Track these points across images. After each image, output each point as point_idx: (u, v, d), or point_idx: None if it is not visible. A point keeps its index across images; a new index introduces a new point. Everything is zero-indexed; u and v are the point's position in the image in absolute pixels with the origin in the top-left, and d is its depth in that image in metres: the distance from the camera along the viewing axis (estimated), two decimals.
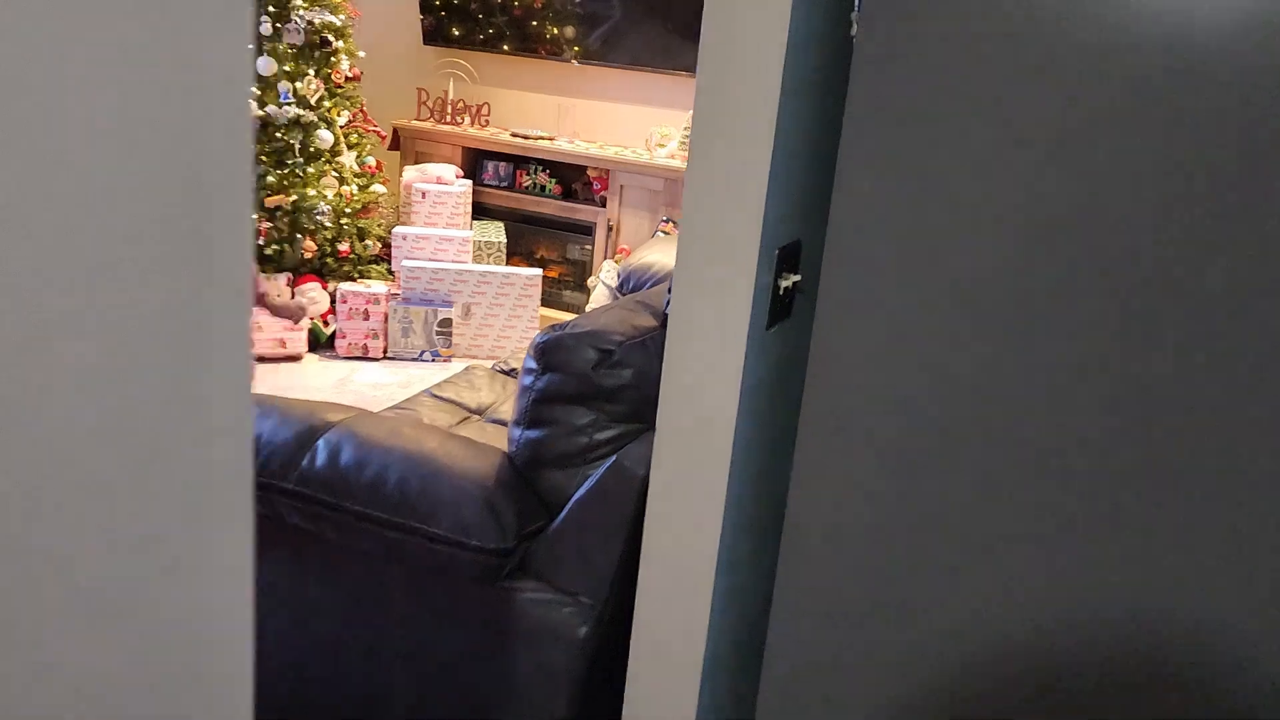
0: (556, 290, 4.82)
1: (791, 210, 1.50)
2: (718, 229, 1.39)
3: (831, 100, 1.55)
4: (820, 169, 1.57)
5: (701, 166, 1.37)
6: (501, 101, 5.04)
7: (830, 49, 1.50)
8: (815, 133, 1.52)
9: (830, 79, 1.52)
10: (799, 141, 1.46)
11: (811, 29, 1.40)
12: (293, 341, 4.08)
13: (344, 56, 4.35)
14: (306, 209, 4.16)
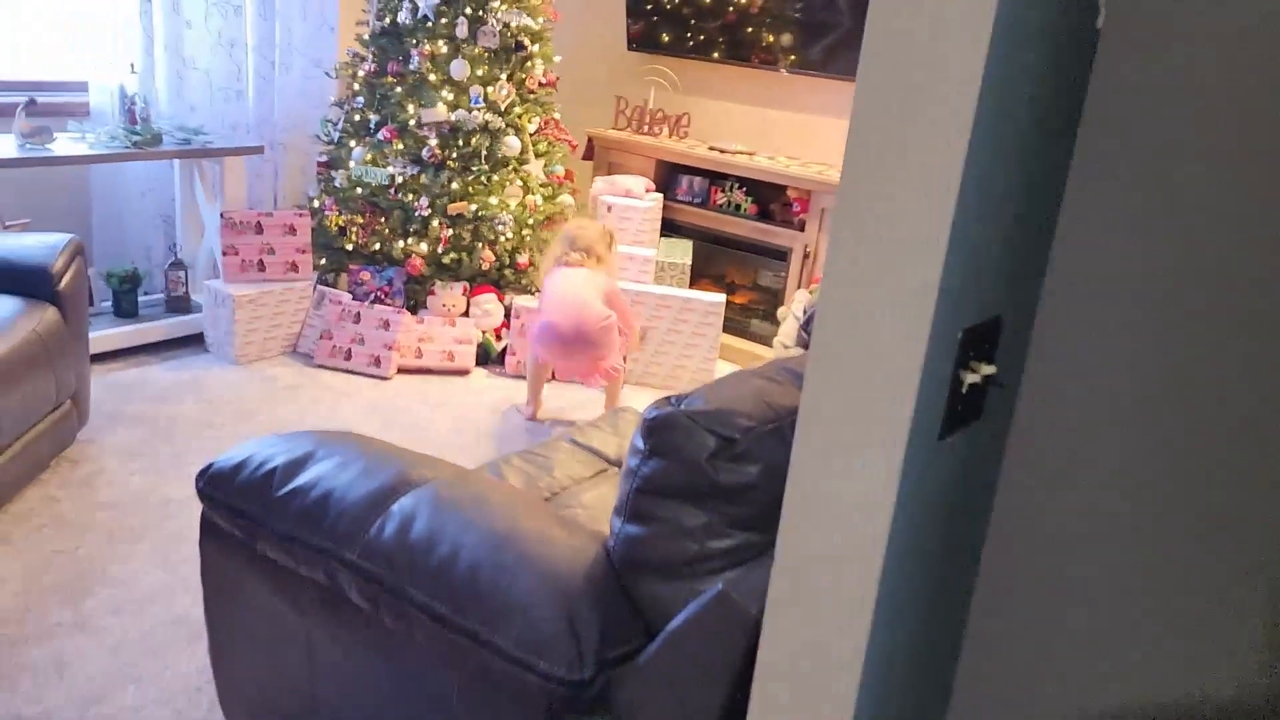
0: (743, 318, 4.44)
1: (989, 275, 1.08)
2: (871, 297, 0.99)
3: (1055, 119, 1.11)
4: (1037, 215, 1.14)
5: (850, 209, 0.98)
6: (703, 112, 4.72)
7: (1057, 46, 1.06)
8: (1030, 164, 1.09)
9: (1056, 90, 1.08)
10: (1004, 176, 1.03)
11: (1030, 18, 0.97)
12: (461, 355, 3.92)
13: (539, 61, 4.16)
14: (488, 218, 4.00)
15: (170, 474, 2.91)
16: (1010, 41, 0.92)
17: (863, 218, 1.00)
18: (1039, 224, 1.13)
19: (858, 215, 1.01)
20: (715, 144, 4.50)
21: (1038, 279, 1.19)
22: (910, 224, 0.96)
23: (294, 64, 4.30)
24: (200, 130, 3.75)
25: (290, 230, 3.89)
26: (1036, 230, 1.13)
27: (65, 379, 2.80)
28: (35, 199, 3.69)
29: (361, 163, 4.01)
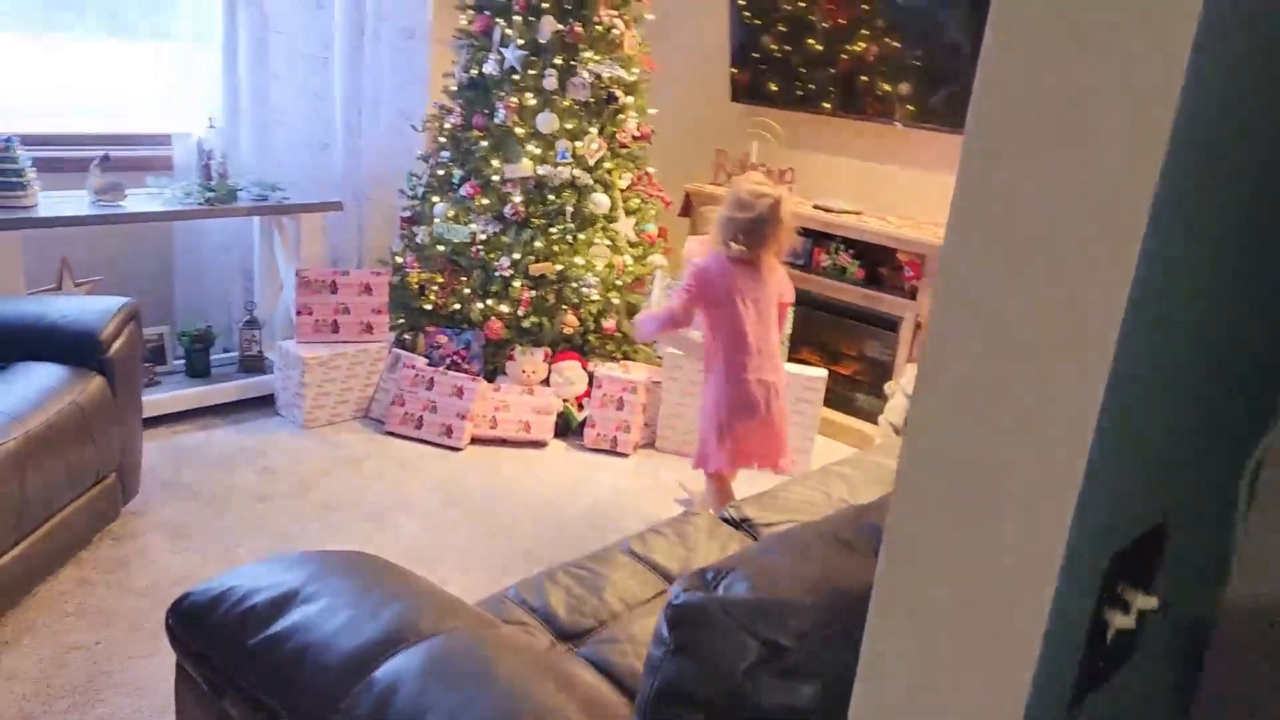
0: (848, 392, 4.07)
1: (1154, 463, 0.74)
2: (966, 507, 0.67)
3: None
4: (1224, 364, 0.79)
5: (939, 368, 0.66)
6: (808, 167, 4.40)
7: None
8: (1225, 293, 0.74)
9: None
10: (1185, 309, 0.69)
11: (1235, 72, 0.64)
12: (539, 426, 3.66)
13: (632, 114, 3.91)
14: (572, 279, 3.75)
15: (213, 555, 2.72)
16: (1204, 100, 0.59)
17: (958, 377, 0.67)
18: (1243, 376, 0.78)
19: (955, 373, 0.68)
20: (821, 202, 4.16)
21: (1229, 457, 0.83)
22: (1042, 389, 0.63)
23: (382, 117, 4.17)
24: (278, 186, 3.62)
25: (366, 290, 3.72)
26: (1238, 383, 0.78)
27: (109, 452, 2.64)
28: (115, 255, 3.62)
29: (443, 219, 3.82)
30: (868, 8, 4.02)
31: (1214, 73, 0.59)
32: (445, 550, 2.87)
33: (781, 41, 4.33)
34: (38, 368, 2.54)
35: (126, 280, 3.62)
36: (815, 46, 4.21)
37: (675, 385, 3.67)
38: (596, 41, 3.77)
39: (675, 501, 3.34)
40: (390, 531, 2.95)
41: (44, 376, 2.50)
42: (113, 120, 3.72)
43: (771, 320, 2.80)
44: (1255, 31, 0.64)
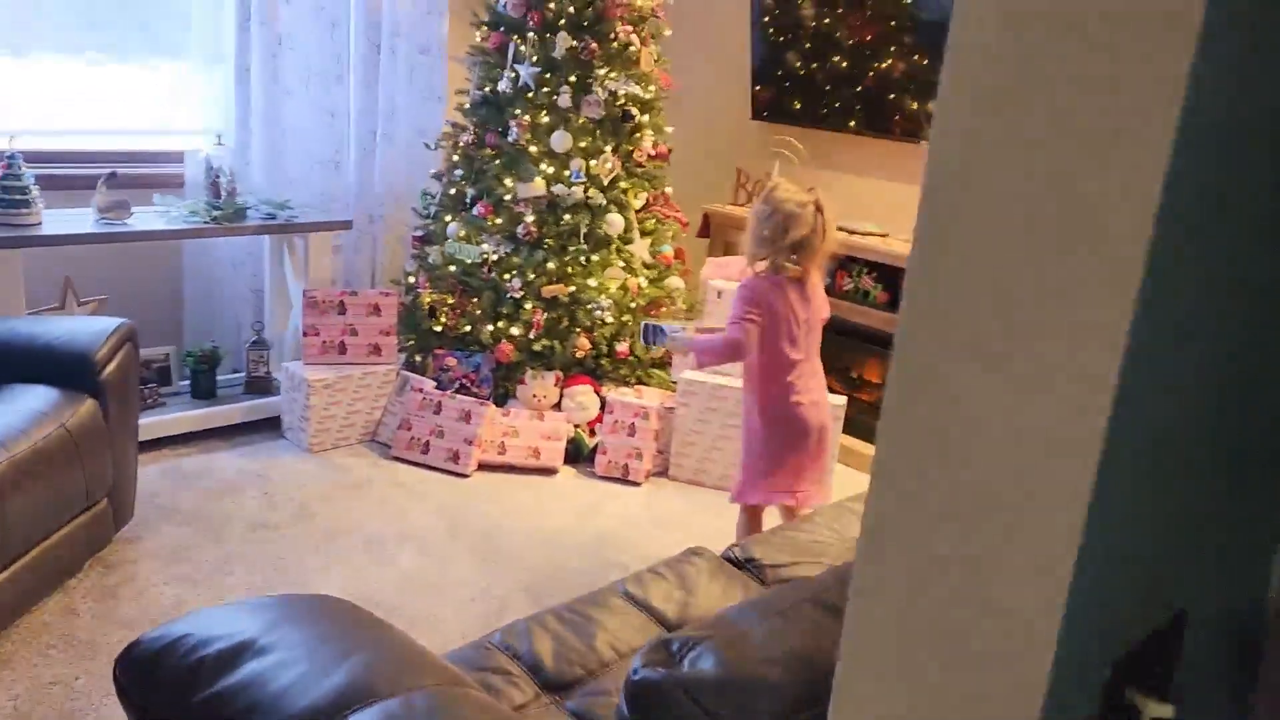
0: (870, 419, 3.93)
1: (1166, 551, 0.62)
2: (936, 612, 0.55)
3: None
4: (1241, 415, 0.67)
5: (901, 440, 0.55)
6: (832, 187, 4.27)
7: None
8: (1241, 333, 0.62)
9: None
10: (1192, 374, 0.58)
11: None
12: (549, 452, 3.56)
13: (649, 132, 3.82)
14: (585, 301, 3.66)
15: (205, 587, 2.64)
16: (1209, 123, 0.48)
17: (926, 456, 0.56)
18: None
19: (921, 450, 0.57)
20: (844, 223, 4.03)
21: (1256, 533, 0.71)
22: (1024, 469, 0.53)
23: (397, 134, 4.11)
24: (288, 204, 3.57)
25: (375, 310, 3.65)
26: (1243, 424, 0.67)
27: (99, 476, 2.57)
28: (121, 274, 3.57)
29: (455, 239, 3.74)
30: (894, 23, 3.91)
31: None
32: (445, 583, 2.77)
33: (805, 58, 4.23)
34: (27, 390, 2.48)
35: (133, 299, 3.58)
36: (840, 63, 4.11)
37: (689, 411, 3.56)
38: (612, 58, 3.69)
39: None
40: (389, 562, 2.86)
41: (33, 400, 2.44)
42: (124, 138, 3.68)
43: (817, 338, 2.67)
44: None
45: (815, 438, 2.60)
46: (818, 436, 2.61)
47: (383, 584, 2.74)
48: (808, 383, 2.60)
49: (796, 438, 2.59)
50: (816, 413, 2.60)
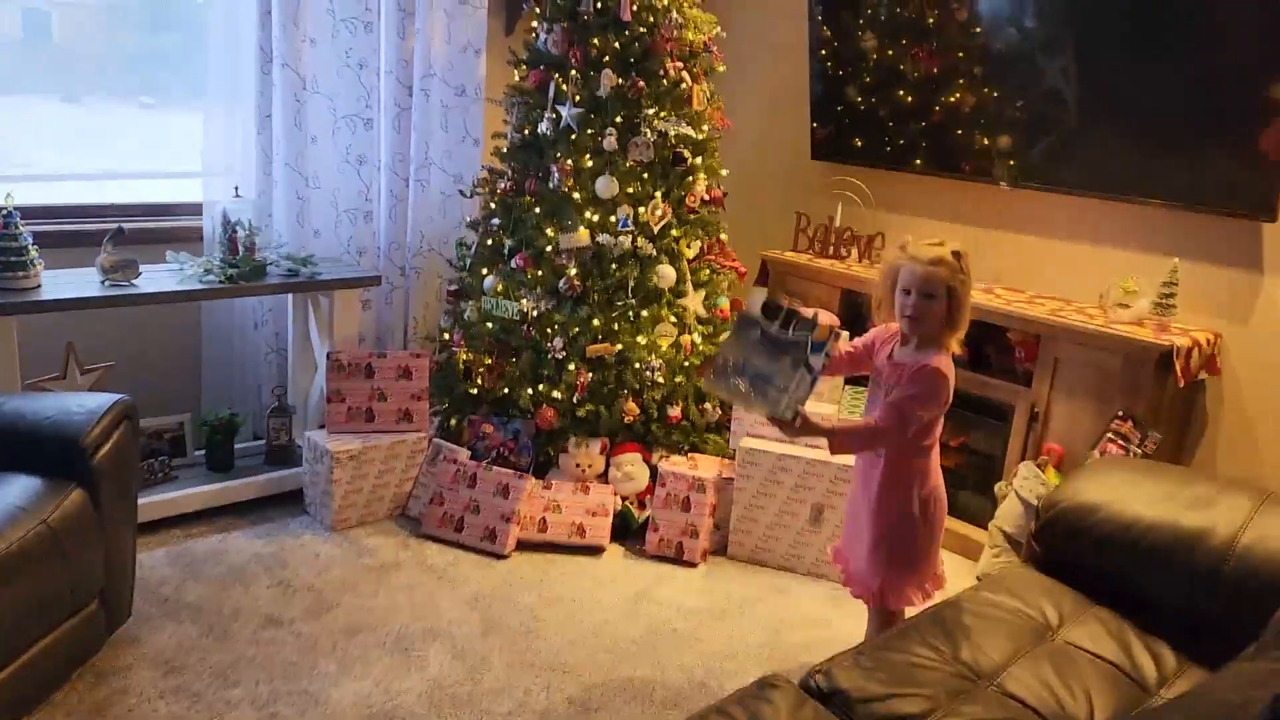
0: (950, 488, 3.52)
1: None
2: None
3: None
4: None
5: None
6: (899, 231, 3.91)
7: None
8: None
9: None
10: None
11: None
12: (594, 529, 3.22)
13: (702, 175, 3.50)
14: (634, 361, 3.33)
15: (203, 704, 2.32)
16: None
17: None
18: None
19: None
20: None
21: None
22: None
23: (431, 180, 3.84)
24: (311, 259, 3.29)
25: (405, 373, 3.35)
26: None
27: (88, 576, 2.28)
28: (133, 337, 3.31)
29: (492, 293, 3.44)
30: (963, 54, 3.57)
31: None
32: (478, 694, 2.43)
33: (867, 93, 3.89)
34: (7, 481, 2.19)
35: (144, 364, 3.32)
36: (904, 98, 3.77)
37: (750, 483, 3.20)
38: (661, 97, 3.38)
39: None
40: (416, 667, 2.52)
41: (12, 493, 2.15)
42: (134, 190, 3.44)
43: None
44: None
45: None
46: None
47: (407, 695, 2.40)
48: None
49: (941, 525, 2.41)
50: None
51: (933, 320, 2.23)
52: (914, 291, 2.21)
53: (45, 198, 3.27)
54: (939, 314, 2.22)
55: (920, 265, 2.21)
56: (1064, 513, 2.34)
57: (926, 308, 2.22)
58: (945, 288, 2.21)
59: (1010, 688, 1.90)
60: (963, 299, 2.23)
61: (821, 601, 2.99)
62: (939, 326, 2.24)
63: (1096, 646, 2.07)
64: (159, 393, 3.34)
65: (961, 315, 2.25)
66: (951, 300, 2.22)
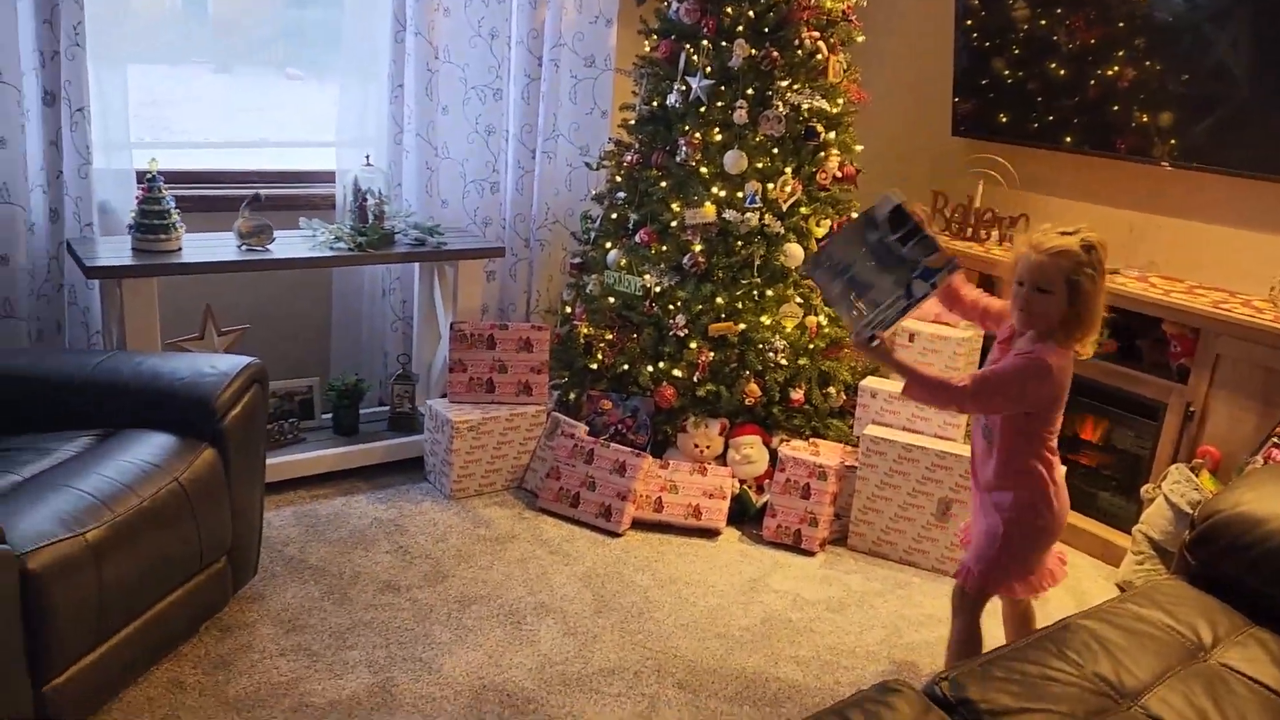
0: (1088, 487, 3.33)
1: None
2: None
3: None
4: None
5: None
6: (1045, 214, 3.68)
7: None
8: None
9: None
10: None
11: None
12: (710, 511, 3.16)
13: (835, 151, 3.37)
14: (757, 342, 3.23)
15: (323, 659, 2.36)
16: None
17: None
18: None
19: None
20: None
21: None
22: None
23: (558, 152, 3.81)
24: (438, 229, 3.30)
25: (526, 345, 3.34)
26: None
27: (217, 534, 2.34)
28: (268, 301, 3.40)
29: (615, 268, 3.40)
30: (1123, 25, 3.32)
31: None
32: (589, 673, 2.40)
33: (1015, 66, 3.67)
34: (142, 439, 2.26)
35: (276, 328, 3.40)
36: (1057, 71, 3.54)
37: (874, 472, 3.08)
38: (796, 68, 3.26)
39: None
40: (528, 641, 2.51)
41: (147, 450, 2.22)
42: (277, 156, 3.52)
43: None
44: None
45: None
46: None
47: (518, 669, 2.39)
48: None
49: (1053, 531, 2.25)
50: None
51: (1046, 317, 2.04)
52: (1027, 283, 2.04)
53: (188, 163, 3.38)
54: (1055, 310, 2.03)
55: (1037, 254, 2.03)
56: (1224, 524, 2.15)
57: (1039, 302, 2.03)
58: (1065, 281, 2.01)
59: (1155, 709, 1.76)
60: (1089, 296, 2.03)
61: (946, 600, 2.83)
62: (1054, 324, 2.05)
63: (1255, 671, 1.90)
64: (290, 356, 3.43)
65: (1088, 314, 2.04)
66: (1074, 296, 2.02)
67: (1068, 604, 2.86)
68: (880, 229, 2.02)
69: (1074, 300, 2.02)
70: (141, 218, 2.81)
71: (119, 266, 2.72)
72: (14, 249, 2.87)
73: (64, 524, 1.91)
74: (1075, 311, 2.03)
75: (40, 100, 2.83)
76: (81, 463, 2.15)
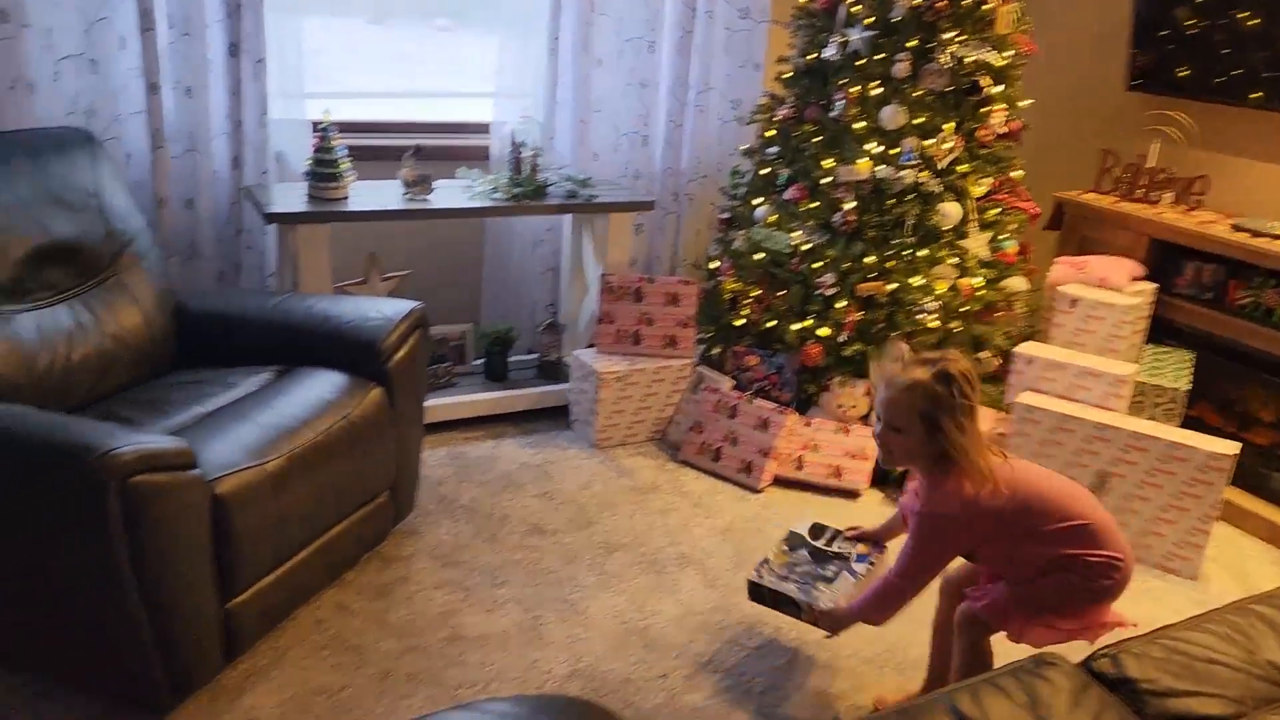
0: (1263, 468, 3.15)
1: None
2: None
3: None
4: None
5: None
6: (1228, 175, 3.48)
7: None
8: None
9: None
10: None
11: None
12: (851, 471, 3.13)
13: (999, 106, 3.24)
14: (907, 303, 3.17)
15: (475, 594, 2.47)
16: None
17: None
18: None
19: None
20: (1242, 221, 3.25)
21: None
22: None
23: (710, 105, 3.79)
24: (589, 182, 3.34)
25: (673, 300, 3.36)
26: None
27: (381, 471, 2.46)
28: (426, 248, 3.52)
29: (764, 224, 3.37)
30: None
31: None
32: (729, 624, 2.44)
33: (1201, 15, 3.43)
34: (316, 376, 2.39)
35: (433, 275, 3.52)
36: (1247, 21, 3.29)
37: (1025, 441, 2.99)
38: (963, 19, 3.13)
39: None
40: (668, 589, 2.56)
41: (320, 387, 2.35)
42: (433, 108, 3.61)
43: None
44: None
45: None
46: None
47: (659, 616, 2.45)
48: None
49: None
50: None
51: (909, 456, 1.89)
52: (881, 420, 1.89)
53: (352, 114, 3.50)
54: (916, 449, 1.86)
55: (886, 389, 1.86)
56: None
57: (895, 441, 1.88)
58: (919, 417, 1.83)
59: None
60: (952, 434, 1.82)
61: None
62: (918, 462, 1.89)
63: None
64: (444, 302, 3.55)
65: (958, 450, 1.82)
66: (932, 434, 1.83)
67: (1231, 588, 2.73)
68: (805, 542, 2.28)
69: (933, 439, 1.84)
70: (315, 166, 2.94)
71: (295, 213, 2.86)
72: (199, 194, 3.05)
73: (248, 454, 2.05)
74: (938, 450, 1.84)
75: (225, 51, 2.98)
76: (262, 397, 2.29)
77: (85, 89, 2.86)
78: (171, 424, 2.17)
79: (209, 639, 1.99)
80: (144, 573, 1.80)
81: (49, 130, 2.52)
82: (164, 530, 1.81)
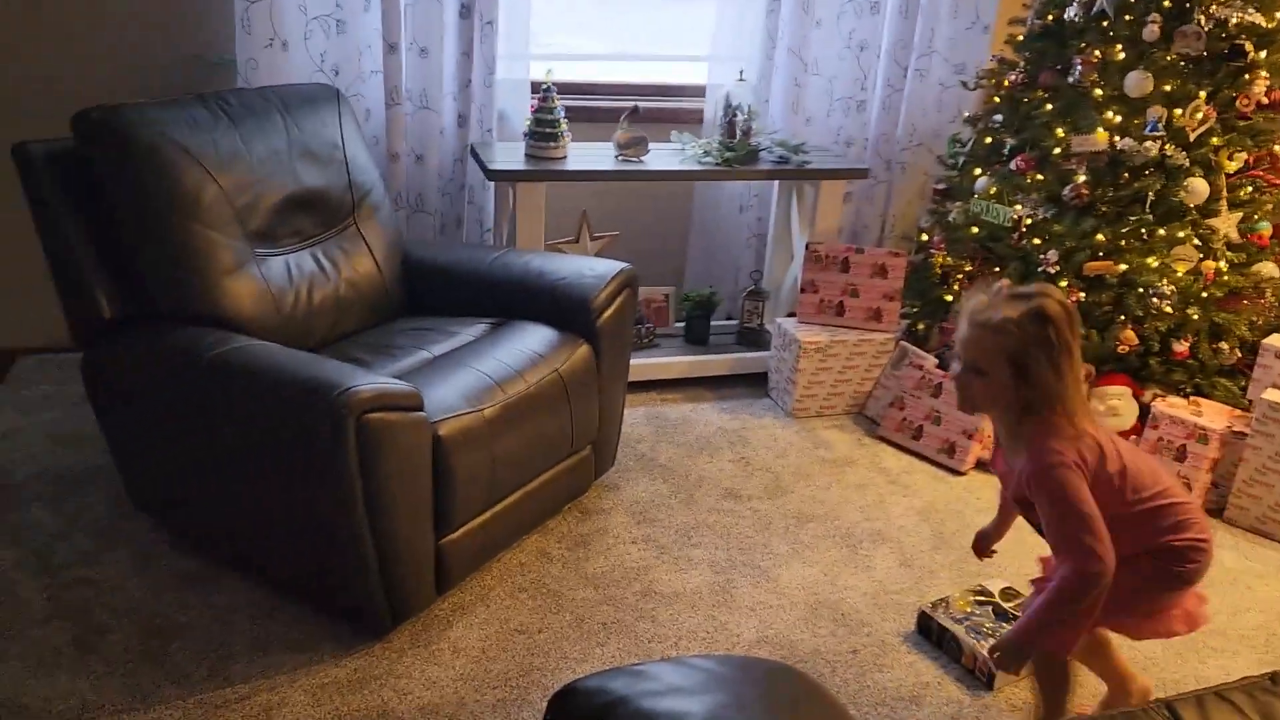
0: None
1: None
2: None
3: None
4: None
5: None
6: None
7: None
8: None
9: None
10: None
11: None
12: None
13: (1263, 74, 2.95)
14: (1140, 285, 2.95)
15: (669, 552, 2.51)
16: None
17: None
18: None
19: None
20: None
21: None
22: None
23: (932, 69, 3.64)
24: (802, 147, 3.28)
25: (880, 271, 3.27)
26: None
27: (586, 425, 2.53)
28: (635, 209, 3.57)
29: (983, 196, 3.22)
30: None
31: None
32: (923, 605, 2.37)
33: None
34: (529, 330, 2.48)
35: (641, 236, 3.56)
36: None
37: (1268, 443, 2.74)
38: None
39: None
40: (863, 566, 2.52)
41: (533, 341, 2.43)
42: (650, 70, 3.64)
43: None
44: None
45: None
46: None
47: (852, 591, 2.42)
48: None
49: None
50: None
51: (986, 400, 1.68)
52: (962, 361, 1.69)
53: (569, 75, 3.58)
54: (1001, 396, 1.65)
55: (969, 327, 1.66)
56: None
57: (971, 384, 1.68)
58: (1008, 362, 1.62)
59: None
60: (1045, 377, 1.62)
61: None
62: (1002, 409, 1.69)
63: None
64: (649, 264, 3.58)
65: (1050, 394, 1.63)
66: (1022, 378, 1.62)
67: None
68: (994, 602, 2.29)
69: (1022, 385, 1.63)
70: (535, 125, 3.03)
71: (515, 170, 2.96)
72: (429, 150, 3.21)
73: (467, 400, 2.15)
74: (1026, 398, 1.64)
75: (458, 13, 3.10)
76: (480, 346, 2.40)
77: (331, 48, 3.05)
78: (400, 367, 2.30)
79: (424, 571, 2.11)
80: (373, 502, 1.93)
81: (301, 86, 2.70)
82: (392, 464, 1.94)
